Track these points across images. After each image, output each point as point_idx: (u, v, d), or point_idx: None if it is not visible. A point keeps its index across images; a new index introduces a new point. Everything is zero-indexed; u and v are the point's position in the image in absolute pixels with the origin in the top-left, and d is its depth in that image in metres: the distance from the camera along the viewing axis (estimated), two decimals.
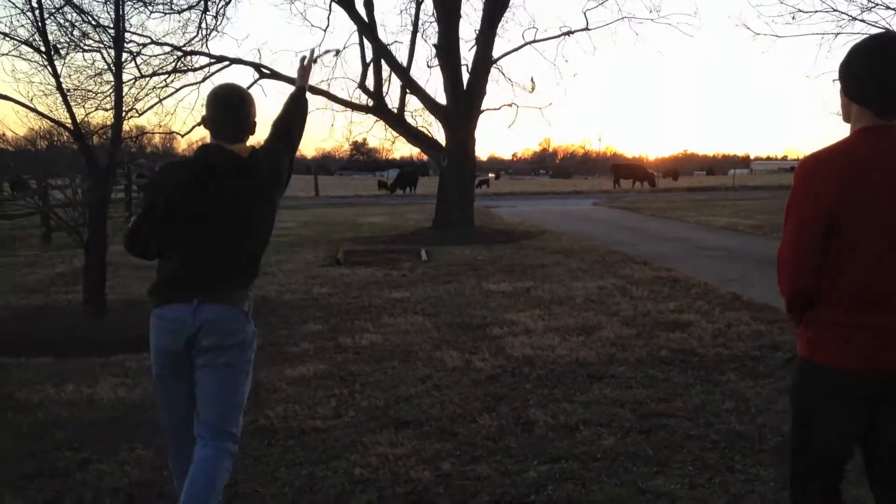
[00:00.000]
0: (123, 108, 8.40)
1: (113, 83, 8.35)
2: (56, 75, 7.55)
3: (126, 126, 10.07)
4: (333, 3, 17.18)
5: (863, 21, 16.13)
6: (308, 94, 3.58)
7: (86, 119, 8.96)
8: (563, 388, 5.15)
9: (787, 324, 6.69)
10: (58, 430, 4.51)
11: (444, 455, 4.02)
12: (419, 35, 18.20)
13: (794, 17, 16.51)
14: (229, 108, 2.97)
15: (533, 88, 18.65)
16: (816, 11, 16.28)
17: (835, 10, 16.11)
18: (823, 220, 2.09)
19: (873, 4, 15.83)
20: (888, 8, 15.84)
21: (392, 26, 49.40)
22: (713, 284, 9.08)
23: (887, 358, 2.13)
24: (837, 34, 16.54)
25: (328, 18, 27.73)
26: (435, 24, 17.33)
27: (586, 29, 17.91)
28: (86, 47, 9.39)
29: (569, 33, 18.05)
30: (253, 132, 3.05)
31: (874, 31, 16.11)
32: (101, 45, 8.95)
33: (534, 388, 5.18)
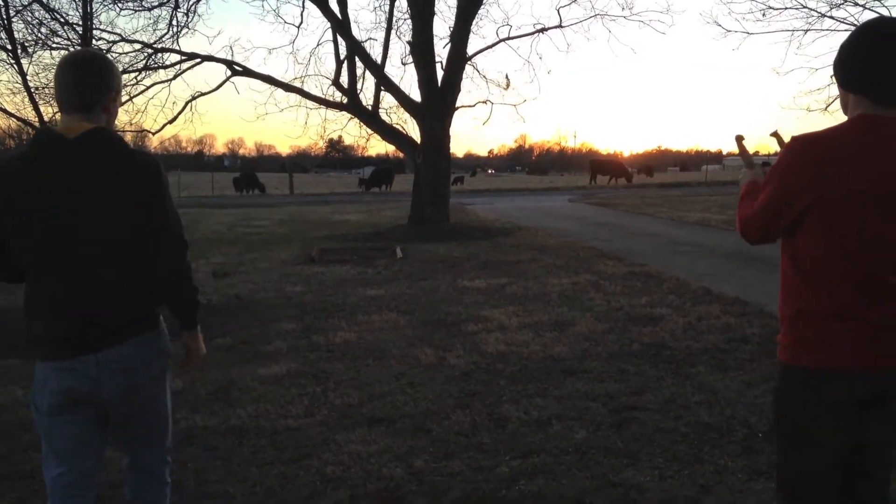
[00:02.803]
0: None
1: None
2: (23, 74, 7.48)
3: None
4: (307, 0, 17.12)
5: (832, 17, 16.35)
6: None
7: (54, 117, 8.86)
8: (536, 383, 5.18)
9: (756, 317, 6.79)
10: (25, 432, 4.45)
11: (417, 452, 4.03)
12: (393, 32, 18.19)
13: (764, 14, 16.70)
14: (79, 66, 2.34)
15: (508, 85, 18.70)
16: (786, 8, 16.47)
17: (804, 7, 16.31)
18: (804, 201, 2.02)
19: (842, 1, 16.06)
20: (856, 4, 16.08)
21: (366, 23, 49.27)
22: (685, 279, 9.17)
23: (884, 353, 2.02)
24: (807, 31, 16.75)
25: (301, 15, 27.56)
26: (409, 21, 17.30)
27: (560, 26, 17.99)
28: (54, 45, 9.30)
29: (543, 30, 18.11)
30: (105, 112, 2.38)
31: (843, 27, 16.34)
32: (70, 43, 8.86)
33: (507, 383, 5.20)
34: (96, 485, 2.52)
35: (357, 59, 17.23)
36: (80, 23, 8.24)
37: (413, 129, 17.55)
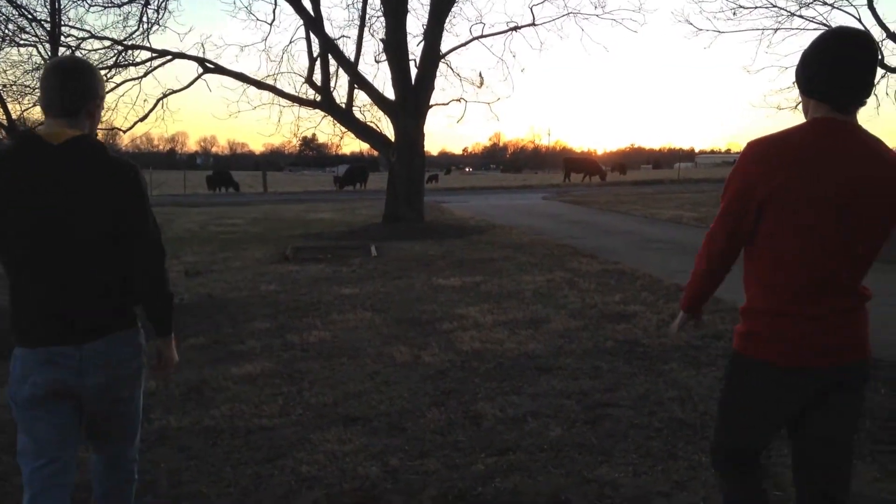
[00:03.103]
0: None
1: None
2: None
3: None
4: None
5: (801, 17, 16.60)
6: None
7: (22, 115, 8.74)
8: (511, 381, 5.19)
9: (728, 314, 6.86)
10: None
11: (393, 450, 4.02)
12: (366, 30, 18.13)
13: (735, 13, 16.93)
14: (64, 72, 2.37)
15: (481, 83, 18.74)
16: (756, 7, 16.70)
17: (774, 6, 16.56)
18: (757, 201, 2.13)
19: (811, 0, 16.29)
20: (825, 3, 16.31)
21: (339, 21, 49.20)
22: (658, 276, 9.24)
23: (824, 350, 2.17)
24: (777, 29, 17.02)
25: (274, 12, 27.39)
26: (382, 19, 17.26)
27: (533, 24, 18.06)
28: (22, 42, 9.15)
29: (516, 28, 18.16)
30: (88, 115, 2.42)
31: (812, 26, 16.57)
32: (38, 40, 8.73)
33: (482, 381, 5.20)
34: (73, 481, 2.51)
35: (330, 56, 17.16)
36: (49, 19, 8.10)
37: (387, 127, 17.53)
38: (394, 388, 5.09)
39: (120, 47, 14.56)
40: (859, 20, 16.35)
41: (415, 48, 17.36)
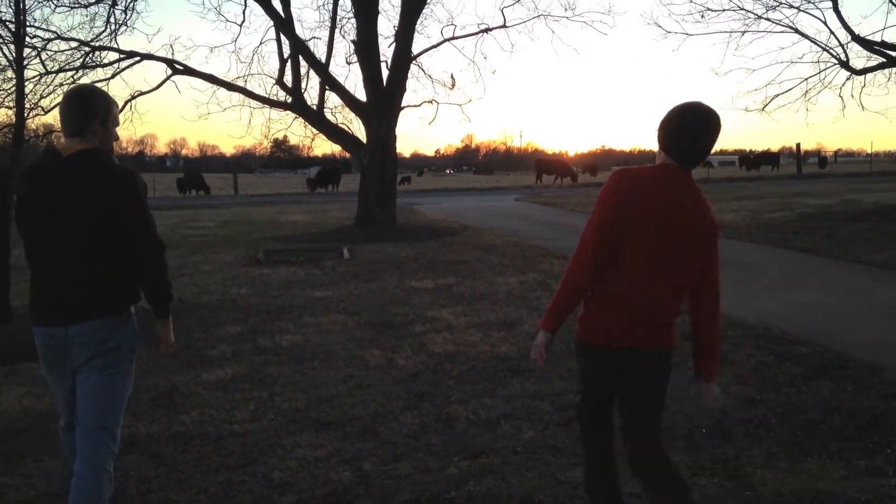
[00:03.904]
0: (27, 106, 8.07)
1: (15, 80, 8.00)
2: None
3: (31, 124, 9.69)
4: None
5: (767, 20, 16.84)
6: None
7: None
8: (484, 383, 5.19)
9: None
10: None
11: (366, 455, 4.00)
12: (337, 31, 18.09)
13: (703, 16, 17.13)
14: (67, 101, 2.90)
15: (453, 85, 18.75)
16: (724, 10, 16.91)
17: (741, 9, 16.77)
18: (616, 222, 2.63)
19: (777, 3, 16.52)
20: (791, 6, 16.55)
21: (310, 22, 48.85)
22: None
23: (626, 336, 2.73)
24: (744, 32, 17.23)
25: (244, 13, 26.95)
26: (353, 20, 17.20)
27: (504, 26, 18.10)
28: None
29: (487, 30, 18.21)
30: (93, 133, 2.86)
31: (779, 29, 16.80)
32: (2, 41, 8.57)
33: (456, 384, 5.20)
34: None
35: (301, 58, 17.08)
36: (13, 20, 7.95)
37: (359, 129, 17.49)
38: (366, 392, 5.07)
39: (87, 48, 14.36)
40: (825, 22, 16.70)
41: (386, 49, 17.38)
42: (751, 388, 4.89)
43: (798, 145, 51.76)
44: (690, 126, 2.65)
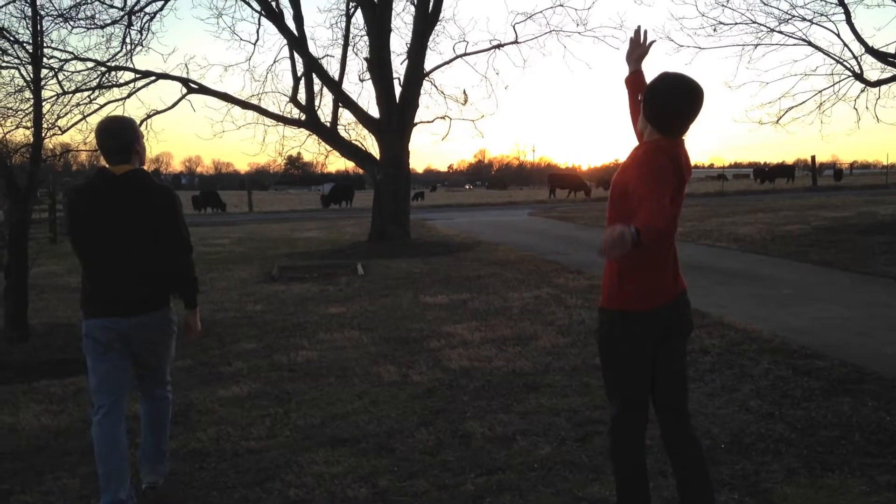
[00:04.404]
0: (44, 126, 8.16)
1: (33, 101, 8.09)
2: None
3: (49, 144, 9.79)
4: (262, 18, 17.04)
5: (780, 32, 16.81)
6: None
7: (4, 138, 8.68)
8: (500, 399, 5.17)
9: (715, 328, 6.88)
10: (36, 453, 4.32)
11: (382, 471, 3.99)
12: (350, 49, 18.18)
13: (715, 30, 17.14)
14: (103, 133, 3.54)
15: (465, 101, 18.79)
16: (736, 24, 16.91)
17: (754, 23, 16.76)
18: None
19: (790, 16, 16.51)
20: (804, 19, 16.53)
21: (323, 40, 49.18)
22: None
23: (670, 291, 2.93)
24: (757, 45, 17.21)
25: (258, 32, 27.40)
26: (366, 38, 17.32)
27: (516, 42, 18.14)
28: (3, 64, 9.10)
29: (499, 46, 18.25)
30: (134, 151, 3.55)
31: (792, 42, 16.77)
32: (20, 62, 8.68)
33: (471, 400, 5.18)
34: (125, 414, 3.61)
35: (314, 75, 17.20)
36: (31, 41, 8.05)
37: (372, 146, 17.54)
38: (382, 408, 5.06)
39: (103, 68, 14.53)
40: (838, 35, 16.61)
41: (399, 67, 17.45)
42: (769, 402, 4.85)
43: (813, 157, 51.44)
44: (682, 107, 2.83)
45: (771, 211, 22.66)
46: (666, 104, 2.83)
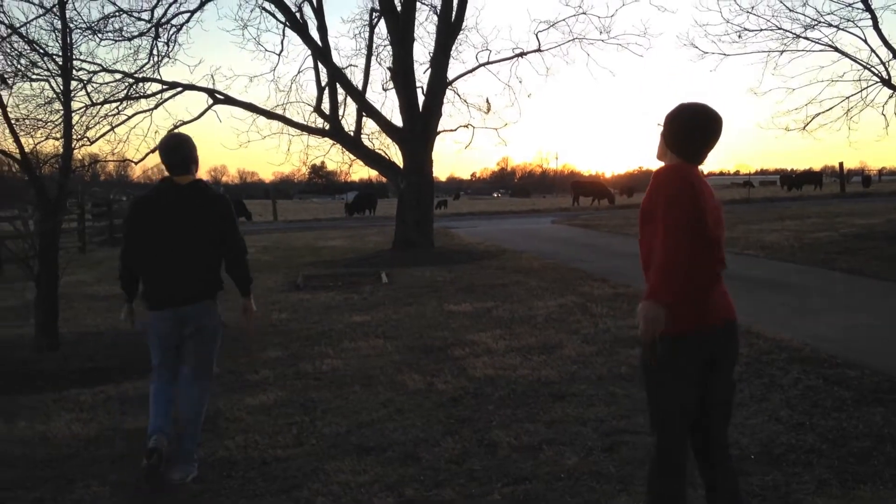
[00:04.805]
0: (74, 137, 8.29)
1: (62, 112, 8.22)
2: (2, 106, 7.40)
3: (78, 155, 9.94)
4: (287, 29, 17.19)
5: (806, 38, 16.64)
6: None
7: (35, 149, 8.81)
8: (525, 408, 5.16)
9: (742, 337, 6.77)
10: (9, 469, 4.38)
11: (408, 480, 3.99)
12: (374, 58, 18.27)
13: (740, 36, 16.98)
14: (169, 150, 4.14)
15: (488, 109, 18.79)
16: (762, 30, 16.76)
17: (779, 29, 16.60)
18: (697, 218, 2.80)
19: (816, 22, 16.34)
20: (830, 25, 16.36)
21: (346, 50, 49.70)
22: None
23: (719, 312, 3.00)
24: (783, 51, 17.05)
25: (282, 43, 27.31)
26: (389, 48, 17.41)
27: (538, 50, 18.14)
28: (34, 76, 9.22)
29: (521, 55, 18.26)
30: (196, 164, 4.22)
31: (818, 48, 16.60)
32: (50, 74, 8.80)
33: (496, 408, 5.17)
34: (174, 388, 4.25)
35: (338, 85, 17.30)
36: (60, 53, 8.18)
37: (396, 154, 17.60)
38: (407, 417, 5.07)
39: (131, 80, 14.70)
40: (865, 40, 16.38)
41: (422, 76, 17.50)
42: (800, 412, 4.79)
43: (841, 164, 50.88)
44: (702, 132, 2.90)
45: (798, 218, 22.41)
46: (686, 132, 2.89)
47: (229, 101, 16.52)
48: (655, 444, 3.01)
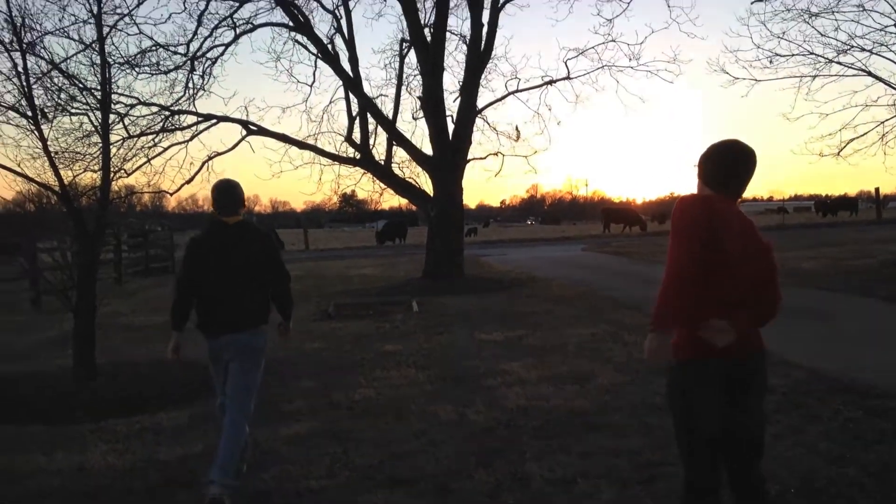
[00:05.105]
0: (112, 170, 8.44)
1: (101, 145, 8.39)
2: (43, 139, 7.57)
3: (115, 186, 10.10)
4: (319, 60, 17.44)
5: (839, 63, 16.49)
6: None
7: (74, 181, 8.98)
8: (558, 439, 5.11)
9: (779, 367, 6.69)
10: (48, 499, 4.43)
11: None
12: (404, 88, 18.45)
13: (771, 61, 16.87)
14: (222, 193, 4.54)
15: (518, 137, 18.84)
16: (793, 55, 16.63)
17: (811, 54, 16.47)
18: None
19: (849, 47, 16.21)
20: (863, 49, 16.21)
21: (377, 80, 50.23)
22: None
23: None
24: (815, 76, 16.90)
25: (314, 74, 27.72)
26: (419, 77, 17.59)
27: (567, 78, 18.19)
28: (73, 110, 9.44)
29: (551, 82, 18.32)
30: (243, 206, 4.61)
31: (851, 72, 16.45)
32: (89, 108, 9.00)
33: (529, 440, 5.13)
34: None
35: (369, 115, 17.48)
36: (99, 88, 8.37)
37: (426, 183, 17.69)
38: (440, 448, 5.05)
39: (167, 112, 14.99)
40: None
41: (451, 104, 17.62)
42: (840, 444, 4.69)
43: (877, 189, 50.09)
44: (735, 165, 2.92)
45: (835, 245, 22.08)
46: (720, 168, 2.92)
47: (262, 131, 16.76)
48: (684, 475, 3.00)
